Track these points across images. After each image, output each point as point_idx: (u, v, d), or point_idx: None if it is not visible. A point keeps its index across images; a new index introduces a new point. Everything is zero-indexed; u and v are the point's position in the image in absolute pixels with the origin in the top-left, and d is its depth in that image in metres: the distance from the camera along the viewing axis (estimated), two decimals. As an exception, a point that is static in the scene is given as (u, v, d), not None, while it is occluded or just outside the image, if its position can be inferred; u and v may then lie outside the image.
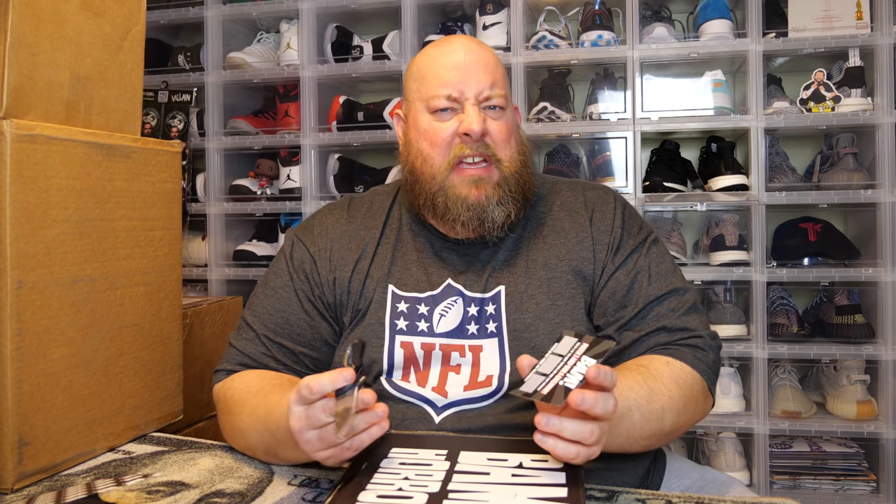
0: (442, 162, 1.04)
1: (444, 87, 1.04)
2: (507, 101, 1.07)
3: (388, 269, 1.10)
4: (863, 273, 1.98)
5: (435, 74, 1.05)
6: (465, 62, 1.04)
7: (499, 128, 1.05)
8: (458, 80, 1.03)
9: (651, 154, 2.28)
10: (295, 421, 0.82)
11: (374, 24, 2.54)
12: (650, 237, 1.11)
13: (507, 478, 0.81)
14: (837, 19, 2.05)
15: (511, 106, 1.09)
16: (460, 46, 1.06)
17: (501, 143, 1.05)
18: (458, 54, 1.05)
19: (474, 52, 1.05)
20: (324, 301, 1.10)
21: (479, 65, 1.05)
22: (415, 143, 1.07)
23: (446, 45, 1.07)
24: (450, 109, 1.04)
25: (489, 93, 1.04)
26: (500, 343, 1.03)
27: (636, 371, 0.95)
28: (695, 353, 1.00)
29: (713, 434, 2.10)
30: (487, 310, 1.05)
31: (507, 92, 1.07)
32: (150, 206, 1.17)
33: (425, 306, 1.06)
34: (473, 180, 1.03)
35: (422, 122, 1.06)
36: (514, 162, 1.06)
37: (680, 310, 1.03)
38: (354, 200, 1.19)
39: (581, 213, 1.11)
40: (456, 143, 1.04)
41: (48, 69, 1.02)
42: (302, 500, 0.87)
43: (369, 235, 1.13)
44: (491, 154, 1.04)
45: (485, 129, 1.03)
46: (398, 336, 1.05)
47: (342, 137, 2.32)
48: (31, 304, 0.95)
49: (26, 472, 0.95)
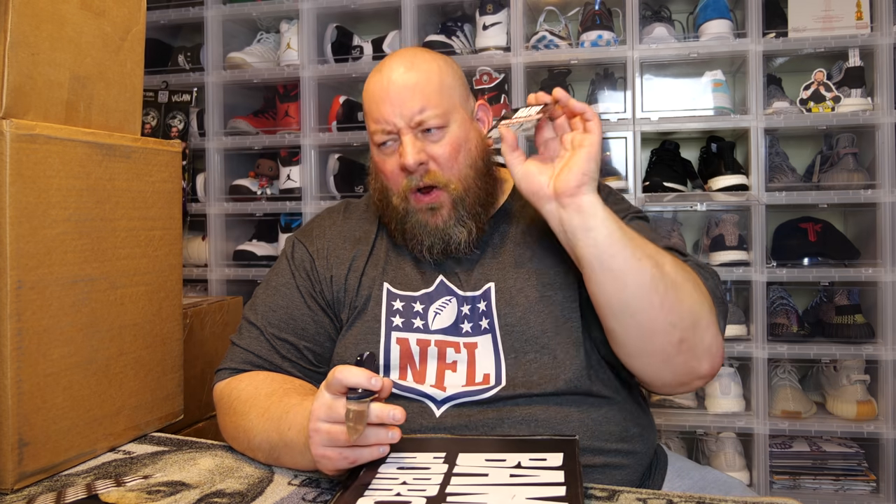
0: (398, 192, 1.06)
1: (377, 122, 1.05)
2: (447, 115, 1.04)
3: (382, 268, 1.11)
4: (863, 273, 1.98)
5: (369, 110, 1.07)
6: (393, 91, 1.03)
7: (441, 151, 1.04)
8: (388, 113, 1.03)
9: (651, 154, 2.28)
10: (318, 405, 0.83)
11: (374, 24, 2.54)
12: (633, 213, 1.10)
13: (506, 478, 0.81)
14: (837, 19, 2.05)
15: (457, 116, 1.06)
16: (388, 72, 1.04)
17: (446, 165, 1.04)
18: (386, 81, 1.04)
19: (401, 78, 1.03)
20: (324, 297, 1.12)
21: (407, 90, 1.02)
22: (376, 173, 1.10)
23: (377, 75, 1.06)
24: (391, 142, 1.05)
25: (420, 118, 1.02)
26: (493, 339, 1.04)
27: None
28: (698, 269, 0.98)
29: (713, 434, 2.10)
30: (479, 307, 1.06)
31: (444, 106, 1.04)
32: (150, 206, 1.17)
33: (420, 304, 1.08)
34: (428, 208, 1.05)
35: (374, 156, 1.09)
36: (465, 178, 1.05)
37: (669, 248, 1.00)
38: (351, 204, 1.22)
39: None
40: (402, 178, 1.05)
41: (48, 69, 1.02)
42: (302, 499, 0.87)
43: (365, 236, 1.15)
44: (436, 180, 1.04)
45: (422, 160, 1.03)
46: (394, 332, 1.07)
47: (342, 137, 2.32)
48: (31, 303, 0.95)
49: (26, 473, 0.95)
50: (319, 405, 0.83)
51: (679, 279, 0.92)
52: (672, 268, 0.91)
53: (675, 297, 0.90)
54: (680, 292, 0.91)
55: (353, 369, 0.81)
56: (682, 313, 0.91)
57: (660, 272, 0.90)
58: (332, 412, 0.82)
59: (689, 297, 0.92)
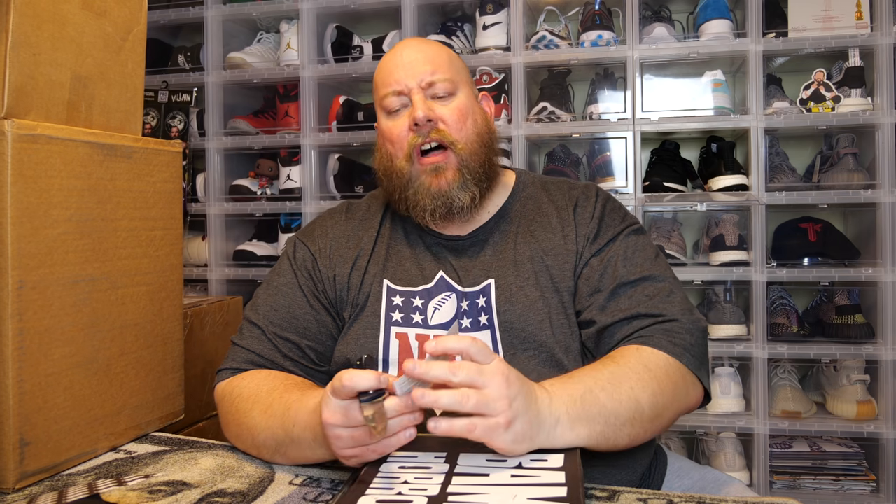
0: (402, 156, 1.08)
1: (389, 85, 1.09)
2: (456, 84, 1.10)
3: (383, 265, 1.12)
4: (863, 273, 1.98)
5: (382, 77, 1.11)
6: (407, 58, 1.09)
7: (449, 112, 1.08)
8: (401, 76, 1.08)
9: (651, 154, 2.28)
10: (330, 414, 0.82)
11: (374, 24, 2.54)
12: (631, 227, 1.10)
13: (507, 478, 0.81)
14: (837, 19, 2.05)
15: (465, 90, 1.11)
16: (403, 47, 1.12)
17: (454, 126, 1.08)
18: (401, 54, 1.11)
19: (415, 48, 1.11)
20: (326, 296, 1.13)
21: (420, 57, 1.09)
22: (381, 146, 1.13)
23: (389, 53, 1.13)
24: (402, 107, 1.09)
25: (431, 79, 1.08)
26: (492, 335, 1.05)
27: (598, 362, 0.93)
28: (669, 337, 0.96)
29: (713, 434, 2.10)
30: (479, 303, 1.06)
31: (453, 75, 1.10)
32: (151, 206, 1.18)
33: (420, 300, 1.08)
34: (433, 169, 1.07)
35: (382, 125, 1.12)
36: (471, 143, 1.09)
37: (655, 297, 1.01)
38: (352, 205, 1.23)
39: (566, 209, 1.12)
40: (410, 135, 1.08)
41: (49, 69, 1.02)
42: (303, 499, 0.87)
43: (367, 235, 1.16)
44: (443, 138, 1.07)
45: (432, 116, 1.06)
46: (393, 327, 1.07)
47: (342, 137, 2.32)
48: (33, 303, 0.95)
49: (28, 472, 0.95)
50: (332, 412, 0.81)
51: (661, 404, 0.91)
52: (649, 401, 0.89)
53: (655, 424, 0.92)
54: (661, 419, 0.92)
55: (360, 373, 0.79)
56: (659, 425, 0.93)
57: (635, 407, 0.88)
58: (348, 417, 0.81)
59: (668, 413, 0.93)
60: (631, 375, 0.90)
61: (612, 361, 0.93)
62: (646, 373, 0.91)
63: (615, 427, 0.87)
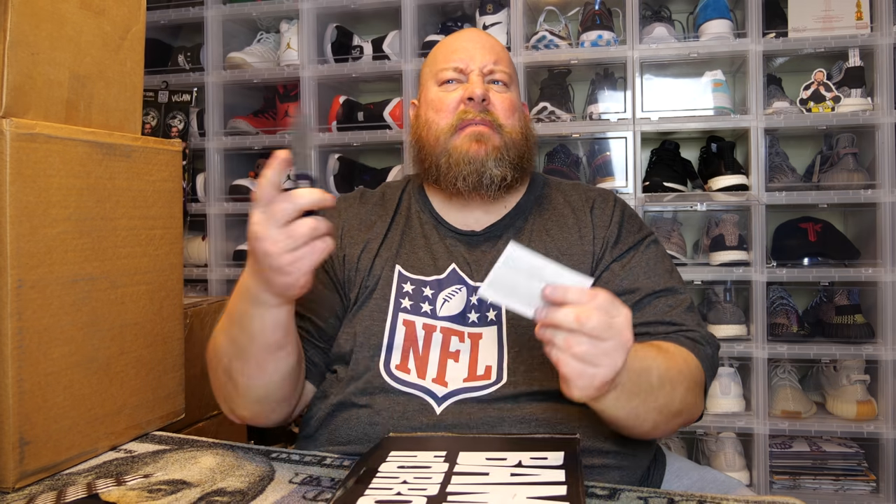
0: (446, 125, 1.10)
1: (450, 60, 1.13)
2: (512, 80, 1.15)
3: (396, 251, 1.12)
4: (863, 273, 1.98)
5: (443, 52, 1.15)
6: (473, 41, 1.15)
7: (501, 99, 1.12)
8: (464, 54, 1.12)
9: (651, 154, 2.28)
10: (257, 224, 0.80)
11: (374, 24, 2.54)
12: (649, 237, 1.12)
13: (507, 477, 0.81)
14: (837, 19, 2.05)
15: (515, 89, 1.16)
16: (471, 31, 1.19)
17: (504, 113, 1.11)
18: (468, 35, 1.17)
19: (483, 36, 1.17)
20: (336, 275, 1.12)
21: (486, 44, 1.14)
22: (423, 115, 1.15)
23: (451, 36, 1.19)
24: (456, 81, 1.12)
25: (493, 67, 1.12)
26: (498, 331, 1.04)
27: (650, 345, 0.94)
28: (695, 345, 1.00)
29: (713, 434, 2.10)
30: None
31: (510, 72, 1.15)
32: (150, 205, 1.17)
33: (430, 290, 1.08)
34: (475, 135, 1.08)
35: (430, 94, 1.14)
36: (516, 132, 1.12)
37: (677, 308, 1.04)
38: (366, 192, 1.24)
39: (583, 210, 1.13)
40: (460, 108, 1.10)
41: (48, 68, 1.02)
42: (303, 498, 0.87)
43: (380, 220, 1.17)
44: (492, 120, 1.09)
45: (487, 97, 1.09)
46: (401, 314, 1.07)
47: (342, 137, 2.32)
48: (32, 303, 0.95)
49: (27, 472, 0.95)
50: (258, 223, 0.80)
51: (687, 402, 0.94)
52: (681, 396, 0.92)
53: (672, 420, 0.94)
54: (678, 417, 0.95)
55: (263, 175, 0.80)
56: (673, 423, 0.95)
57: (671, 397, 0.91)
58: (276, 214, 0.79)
59: (685, 413, 0.96)
60: (678, 365, 0.93)
61: (662, 348, 0.94)
62: (686, 368, 0.94)
63: (647, 409, 0.88)
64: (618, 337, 0.75)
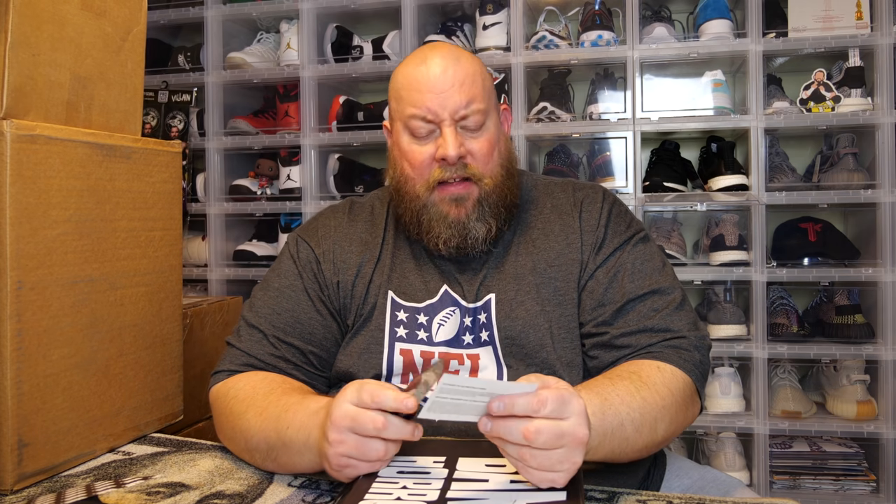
0: (422, 183, 1.04)
1: (418, 105, 1.02)
2: (487, 113, 1.04)
3: (387, 276, 1.10)
4: (863, 273, 1.98)
5: (410, 96, 1.03)
6: (441, 81, 1.01)
7: (479, 146, 1.04)
8: (433, 103, 1.01)
9: (651, 154, 2.28)
10: (341, 415, 0.79)
11: (374, 24, 2.54)
12: (637, 235, 1.09)
13: (506, 484, 0.81)
14: (837, 19, 2.05)
15: (493, 116, 1.07)
16: (436, 64, 1.02)
17: (482, 161, 1.04)
18: (434, 72, 1.02)
19: (450, 70, 1.02)
20: (332, 302, 1.10)
21: (455, 83, 1.01)
22: (398, 162, 1.08)
23: (421, 65, 1.03)
24: (428, 133, 1.03)
25: (465, 111, 1.02)
26: (493, 351, 1.04)
27: (628, 380, 0.92)
28: (679, 353, 0.97)
29: (713, 434, 2.10)
30: (480, 318, 1.05)
31: (486, 104, 1.04)
32: (150, 207, 1.17)
33: (424, 316, 1.06)
34: (453, 198, 1.03)
35: (402, 143, 1.06)
36: (496, 177, 1.06)
37: (663, 310, 1.01)
38: (356, 204, 1.19)
39: (571, 214, 1.10)
40: (435, 166, 1.03)
41: (49, 69, 1.02)
42: (302, 501, 0.87)
43: (373, 241, 1.13)
44: (470, 174, 1.03)
45: (462, 153, 1.02)
46: (398, 343, 1.06)
47: (342, 137, 2.32)
48: (31, 304, 0.95)
49: (26, 473, 0.95)
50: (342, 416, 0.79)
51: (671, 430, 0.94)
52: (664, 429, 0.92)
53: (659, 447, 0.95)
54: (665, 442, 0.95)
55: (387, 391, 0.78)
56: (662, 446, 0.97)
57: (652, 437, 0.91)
58: (359, 425, 0.79)
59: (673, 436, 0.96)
60: (658, 402, 0.91)
61: (641, 383, 0.92)
62: (670, 398, 0.93)
63: (626, 453, 0.89)
64: (570, 441, 0.75)
